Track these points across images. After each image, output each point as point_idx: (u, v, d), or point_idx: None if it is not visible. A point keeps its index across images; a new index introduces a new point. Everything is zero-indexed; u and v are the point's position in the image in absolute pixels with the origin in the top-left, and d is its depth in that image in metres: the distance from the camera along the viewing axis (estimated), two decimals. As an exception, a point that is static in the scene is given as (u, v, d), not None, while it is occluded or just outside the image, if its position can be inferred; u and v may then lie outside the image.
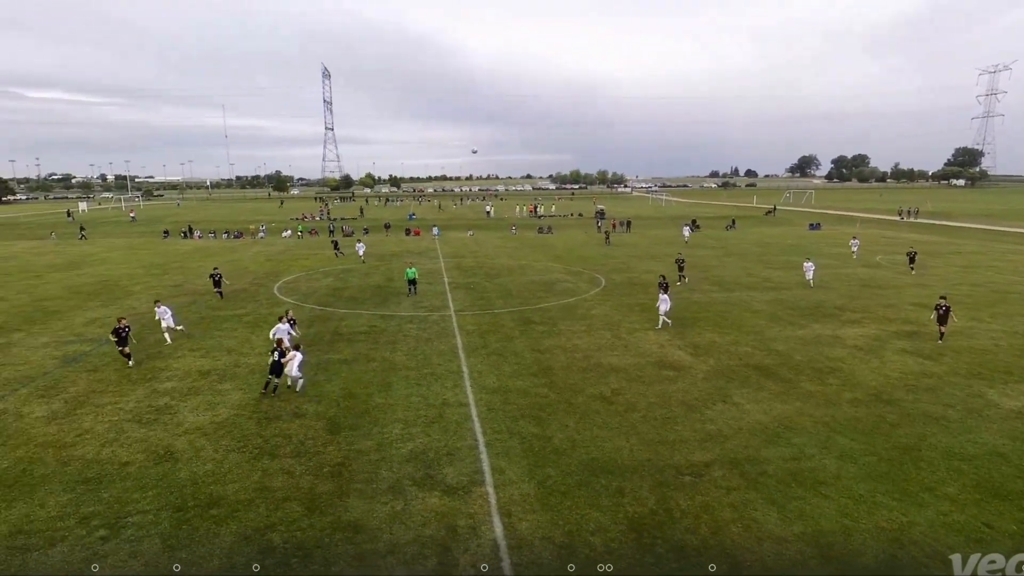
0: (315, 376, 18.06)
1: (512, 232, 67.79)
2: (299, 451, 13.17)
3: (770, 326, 23.88)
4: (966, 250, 49.04)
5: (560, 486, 11.62)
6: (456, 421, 14.75)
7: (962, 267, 39.55)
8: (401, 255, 47.88)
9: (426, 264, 42.73)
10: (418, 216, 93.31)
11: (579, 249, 51.02)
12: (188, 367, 19.00)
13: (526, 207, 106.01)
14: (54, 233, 67.20)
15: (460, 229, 71.24)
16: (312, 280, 35.98)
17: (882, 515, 10.56)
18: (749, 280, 34.70)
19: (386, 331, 23.42)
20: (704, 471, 12.19)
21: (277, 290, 32.55)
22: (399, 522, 10.45)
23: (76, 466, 12.53)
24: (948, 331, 21.29)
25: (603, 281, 34.61)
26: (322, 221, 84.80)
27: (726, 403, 15.82)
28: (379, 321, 25.06)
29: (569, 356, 19.97)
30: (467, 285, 33.86)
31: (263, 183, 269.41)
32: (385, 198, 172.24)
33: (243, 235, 66.02)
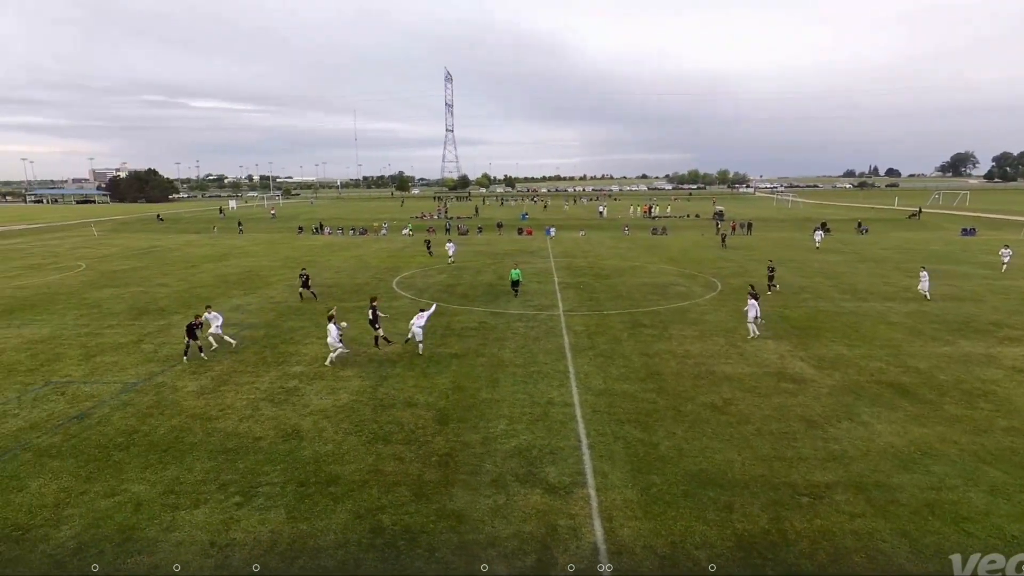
0: (427, 368, 18.83)
1: (625, 233, 66.69)
2: (410, 439, 13.81)
3: (909, 340, 21.69)
4: None
5: (664, 495, 11.29)
6: (560, 421, 14.77)
7: None
8: (513, 254, 48.65)
9: (537, 263, 43.13)
10: (531, 216, 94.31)
11: (694, 251, 49.17)
12: (315, 353, 20.50)
13: (640, 207, 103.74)
14: (216, 227, 75.72)
15: (572, 229, 71.14)
16: (427, 276, 37.52)
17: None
18: (886, 289, 31.71)
19: (496, 328, 23.91)
20: (824, 493, 11.32)
21: (395, 285, 34.27)
22: (501, 516, 10.65)
23: (218, 437, 13.96)
24: None
25: (719, 285, 33.13)
26: (439, 220, 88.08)
27: (853, 421, 14.58)
28: (489, 318, 25.64)
29: (680, 362, 19.33)
30: (577, 285, 33.76)
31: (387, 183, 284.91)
32: (500, 198, 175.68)
33: (367, 232, 70.13)
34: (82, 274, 39.47)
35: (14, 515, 10.79)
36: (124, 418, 15.13)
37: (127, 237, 67.13)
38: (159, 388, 17.30)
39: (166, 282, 35.70)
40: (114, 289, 33.41)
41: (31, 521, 10.61)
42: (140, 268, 41.95)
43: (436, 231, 71.85)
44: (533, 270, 39.18)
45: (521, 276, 31.00)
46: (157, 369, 19.05)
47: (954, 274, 36.80)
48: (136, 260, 46.63)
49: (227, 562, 9.44)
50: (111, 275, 38.77)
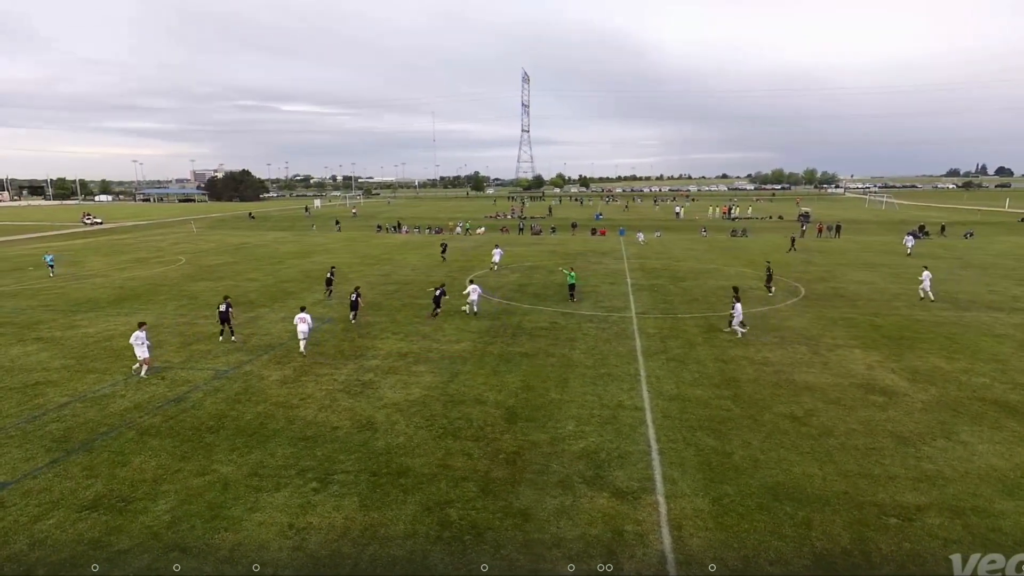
0: (497, 367, 19.01)
1: (702, 234, 64.78)
2: (478, 435, 13.98)
3: (1019, 355, 19.88)
4: None
5: (738, 506, 10.89)
6: (630, 424, 14.54)
7: None
8: (586, 254, 48.29)
9: (610, 264, 42.62)
10: (605, 216, 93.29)
11: (776, 254, 47.06)
12: (390, 349, 21.15)
13: (719, 208, 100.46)
14: (315, 225, 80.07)
15: (647, 230, 69.83)
16: (500, 275, 37.85)
17: None
18: (991, 298, 29.20)
19: (566, 328, 23.82)
20: (915, 515, 10.57)
21: (469, 283, 34.76)
22: (566, 517, 10.61)
23: (299, 425, 14.66)
24: None
25: (802, 290, 31.56)
26: (513, 220, 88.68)
27: (950, 440, 13.53)
28: (560, 318, 25.58)
29: (757, 369, 18.57)
30: (650, 287, 33.10)
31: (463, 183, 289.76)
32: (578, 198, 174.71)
33: (443, 231, 71.59)
34: (182, 268, 42.48)
35: (119, 487, 11.76)
36: (215, 403, 16.16)
37: (222, 233, 71.66)
38: (246, 376, 18.36)
39: (255, 277, 37.84)
40: (209, 282, 35.76)
41: (133, 493, 11.52)
42: (232, 263, 44.67)
43: (509, 230, 72.43)
44: (607, 271, 38.76)
45: (577, 279, 30.11)
46: (245, 358, 20.22)
47: (1074, 283, 33.36)
48: (229, 255, 49.68)
49: (303, 544, 9.90)
50: (207, 269, 41.51)
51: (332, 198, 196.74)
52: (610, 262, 44.04)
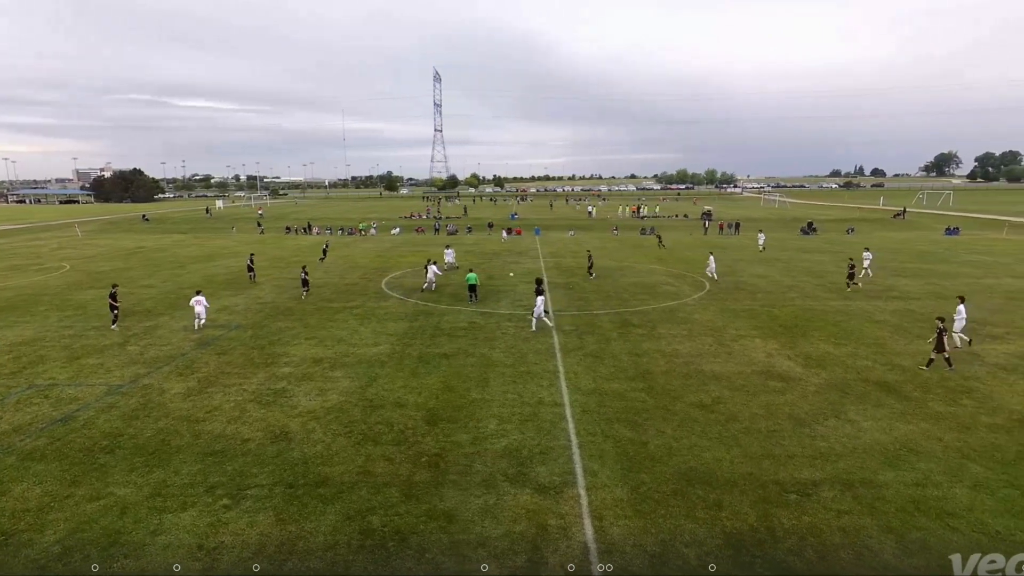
0: (416, 368, 18.79)
1: (614, 233, 66.89)
2: (399, 439, 13.76)
3: (894, 338, 21.95)
4: None
5: (654, 493, 11.34)
6: (550, 420, 14.79)
7: None
8: (502, 254, 48.65)
9: (526, 264, 43.14)
10: (520, 216, 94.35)
11: (683, 251, 49.41)
12: (304, 354, 20.39)
13: (629, 207, 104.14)
14: (235, 227, 75.79)
15: (561, 229, 71.24)
16: (418, 276, 37.38)
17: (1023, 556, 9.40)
18: (870, 288, 32.04)
19: (485, 328, 23.90)
20: (812, 490, 11.43)
21: (385, 285, 34.15)
22: (491, 516, 10.65)
23: (206, 439, 13.83)
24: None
25: (707, 285, 33.31)
26: (428, 220, 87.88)
27: (840, 419, 14.73)
28: (479, 318, 25.62)
29: (669, 361, 19.42)
30: (566, 285, 33.82)
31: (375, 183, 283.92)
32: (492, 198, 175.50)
33: (356, 232, 69.83)
34: (66, 275, 38.98)
35: (-3, 520, 10.64)
36: (109, 421, 14.95)
37: (112, 238, 66.36)
38: (145, 390, 17.12)
39: (152, 283, 35.34)
40: (99, 290, 32.98)
41: (15, 526, 10.45)
42: (125, 269, 41.48)
43: (425, 231, 71.74)
44: (523, 271, 39.19)
45: (477, 280, 29.68)
46: (143, 371, 18.85)
47: (939, 273, 37.27)
48: (121, 261, 46.12)
49: (215, 565, 9.36)
50: (96, 276, 38.31)
51: (236, 198, 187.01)
52: (527, 261, 44.60)
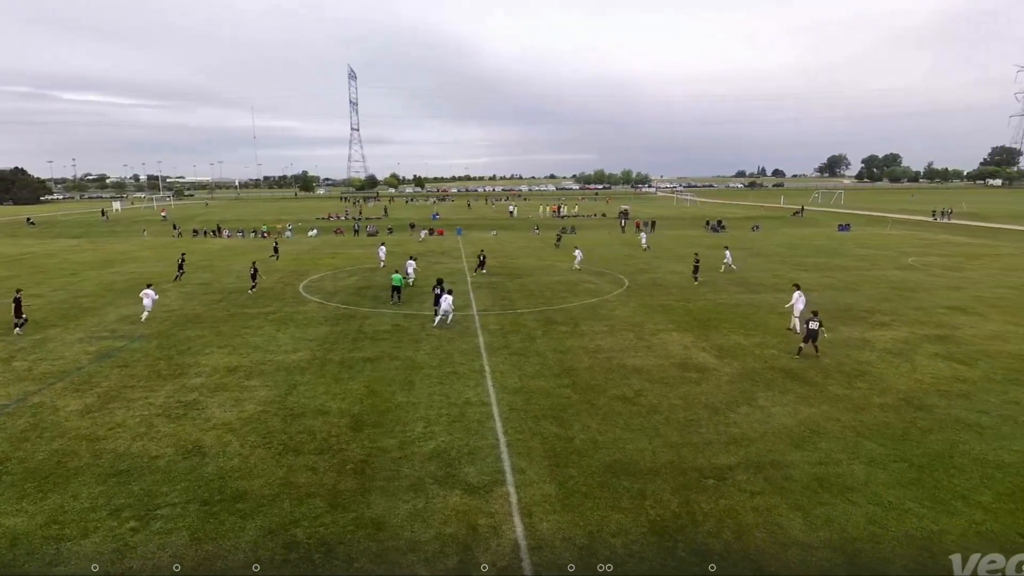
0: (339, 374, 18.28)
1: (535, 232, 67.75)
2: (323, 448, 13.33)
3: (797, 328, 23.46)
4: (1004, 252, 47.67)
5: (581, 487, 11.58)
6: (478, 420, 14.79)
7: (999, 269, 38.44)
8: (425, 255, 48.16)
9: (449, 264, 42.94)
10: (442, 216, 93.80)
11: (602, 249, 50.75)
12: (216, 364, 19.36)
13: (549, 207, 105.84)
14: (146, 231, 70.51)
15: (483, 229, 71.42)
16: (337, 279, 36.40)
17: (912, 523, 10.32)
18: (775, 282, 34.15)
19: (409, 330, 23.58)
20: (728, 474, 12.04)
21: (303, 289, 32.99)
22: (420, 520, 10.52)
23: (108, 459, 12.85)
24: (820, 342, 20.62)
25: (626, 282, 34.39)
26: (347, 221, 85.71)
27: (751, 406, 15.60)
28: (402, 320, 25.25)
29: (592, 357, 19.89)
30: (490, 285, 33.93)
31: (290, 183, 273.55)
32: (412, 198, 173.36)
33: (270, 234, 67.07)
34: (-64, 285, 35.05)
35: None
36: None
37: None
38: (36, 409, 15.68)
39: (41, 292, 32.41)
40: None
41: None
42: (8, 277, 37.82)
43: (344, 232, 69.91)
44: (446, 270, 38.95)
45: (402, 281, 29.52)
46: (33, 388, 17.27)
47: (833, 266, 40.26)
48: (3, 269, 42.05)
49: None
50: (-27, 286, 34.69)
51: (135, 200, 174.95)
52: (449, 261, 44.40)
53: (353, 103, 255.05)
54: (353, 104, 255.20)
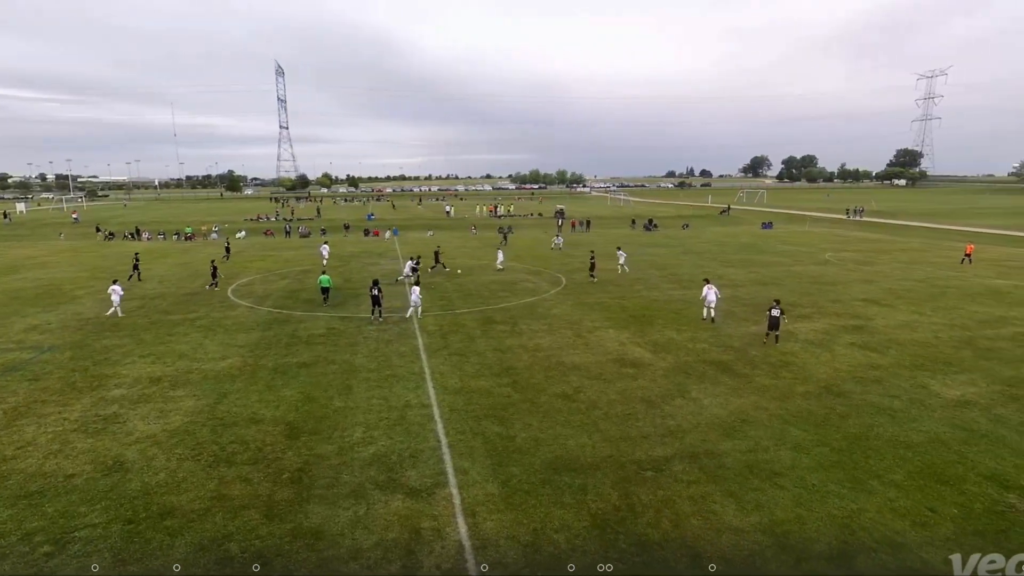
0: (272, 381, 17.67)
1: (472, 232, 67.64)
2: (257, 458, 12.85)
3: (726, 322, 24.47)
4: (909, 247, 51.29)
5: (524, 485, 11.66)
6: (419, 423, 14.63)
7: (906, 263, 41.33)
8: (360, 256, 47.25)
9: (385, 265, 42.27)
10: (377, 216, 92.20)
11: (539, 249, 51.23)
12: (138, 374, 18.32)
13: (486, 207, 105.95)
14: (63, 233, 65.88)
15: (419, 229, 70.70)
16: (268, 282, 35.15)
17: (834, 503, 10.96)
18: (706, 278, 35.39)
19: (345, 333, 23.06)
20: (665, 466, 12.41)
21: (231, 293, 31.67)
22: (362, 527, 10.31)
23: (17, 480, 11.93)
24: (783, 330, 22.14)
25: (563, 280, 34.86)
26: (278, 222, 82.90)
27: (685, 399, 16.14)
28: (338, 323, 24.66)
29: (531, 355, 20.05)
30: (427, 285, 33.59)
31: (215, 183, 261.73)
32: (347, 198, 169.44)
33: (195, 236, 64.00)
34: None
35: None
36: None
37: None
38: (-69, 429, 14.36)
39: (-66, 302, 29.69)
40: None
41: None
42: None
43: (274, 233, 67.60)
44: (381, 272, 38.32)
45: (331, 283, 29.04)
46: (-73, 407, 15.80)
47: (758, 262, 42.19)
48: None
49: (37, 623, 8.11)
50: None
51: (42, 201, 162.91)
52: (386, 263, 43.71)
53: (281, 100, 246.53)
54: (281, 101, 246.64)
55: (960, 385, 17.04)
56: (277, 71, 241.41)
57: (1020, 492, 11.32)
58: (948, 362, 19.12)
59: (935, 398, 16.10)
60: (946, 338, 21.95)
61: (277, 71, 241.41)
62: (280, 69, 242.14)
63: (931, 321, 24.49)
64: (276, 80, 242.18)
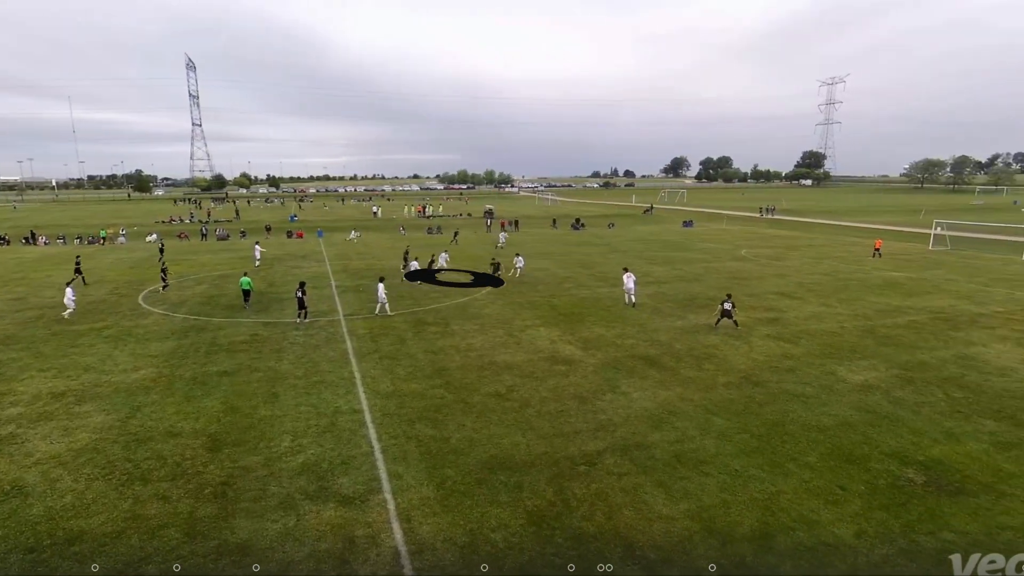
0: (190, 391, 16.77)
1: (401, 233, 66.70)
2: (175, 473, 12.16)
3: (652, 318, 25.29)
4: (815, 243, 54.75)
5: (460, 486, 11.61)
6: (350, 429, 14.29)
7: (813, 258, 44.09)
8: (284, 259, 45.62)
9: (311, 268, 41.01)
10: (300, 217, 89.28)
11: (469, 248, 51.16)
12: (37, 390, 16.92)
13: (415, 207, 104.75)
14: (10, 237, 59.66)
15: (346, 231, 69.02)
16: (184, 288, 33.32)
17: (755, 487, 11.54)
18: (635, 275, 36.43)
19: (270, 339, 22.19)
20: (597, 460, 12.68)
21: (142, 300, 29.81)
22: (292, 539, 9.96)
23: None
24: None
25: (494, 280, 34.93)
26: (193, 224, 78.74)
27: (615, 393, 16.55)
28: (262, 329, 23.69)
29: (463, 356, 19.99)
30: (356, 288, 32.89)
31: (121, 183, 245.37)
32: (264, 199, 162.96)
33: (100, 240, 59.77)
34: None
35: None
36: None
37: None
38: None
39: None
40: None
41: None
42: None
43: (189, 236, 64.19)
44: (307, 275, 37.12)
45: (251, 285, 28.28)
46: None
47: (680, 259, 43.85)
48: None
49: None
50: None
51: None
52: (311, 265, 42.40)
53: (193, 96, 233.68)
54: (193, 97, 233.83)
55: (863, 371, 18.35)
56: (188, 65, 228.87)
57: (917, 467, 12.33)
58: (853, 350, 20.54)
59: (842, 384, 17.26)
60: (850, 327, 23.58)
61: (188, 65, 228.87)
62: (191, 63, 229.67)
63: (837, 312, 26.23)
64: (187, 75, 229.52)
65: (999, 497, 11.20)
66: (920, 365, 18.84)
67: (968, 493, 11.34)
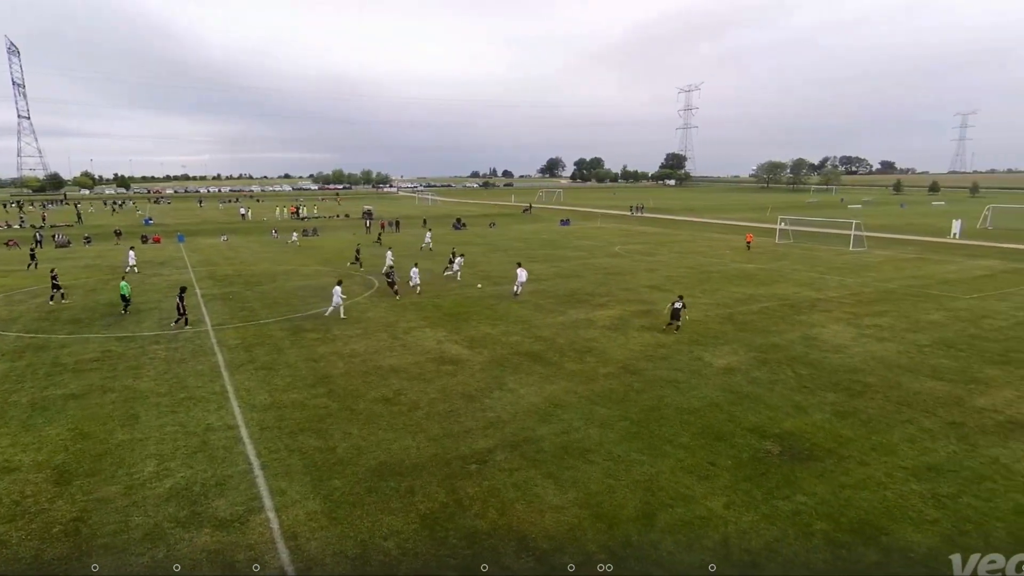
0: (29, 419, 14.80)
1: (273, 236, 63.20)
2: (13, 514, 10.68)
3: (535, 315, 25.93)
4: (680, 239, 58.93)
5: (348, 497, 11.22)
6: (224, 447, 13.31)
7: (679, 253, 47.44)
8: (140, 266, 41.48)
9: (172, 275, 37.69)
10: (156, 220, 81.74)
11: (349, 251, 49.50)
12: None
13: (287, 208, 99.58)
14: None
15: (211, 234, 64.22)
16: (14, 303, 29.30)
17: (637, 470, 12.22)
18: (513, 273, 37.14)
19: (125, 356, 20.11)
20: (488, 457, 12.79)
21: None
22: (162, 572, 9.10)
23: None
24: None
25: (376, 283, 34.15)
26: (24, 230, 69.42)
27: (502, 390, 16.79)
28: (115, 344, 21.41)
29: (347, 362, 19.34)
30: (225, 295, 30.69)
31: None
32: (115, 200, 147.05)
33: (-99, 250, 50.99)
34: None
35: None
36: None
37: None
38: None
39: None
40: None
41: None
42: None
43: (20, 244, 56.54)
44: (167, 284, 34.09)
45: (129, 290, 26.44)
46: None
47: (559, 257, 45.36)
48: None
49: None
50: None
51: None
52: (171, 272, 38.97)
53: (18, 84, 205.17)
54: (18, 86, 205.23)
55: (726, 355, 20.03)
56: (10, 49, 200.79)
57: (773, 439, 13.67)
58: (716, 336, 22.36)
59: (708, 368, 18.73)
60: (713, 316, 25.64)
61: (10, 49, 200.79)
62: (14, 47, 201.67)
63: (701, 302, 28.40)
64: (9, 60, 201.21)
65: (840, 460, 12.71)
66: (772, 347, 20.90)
67: (816, 459, 12.76)
